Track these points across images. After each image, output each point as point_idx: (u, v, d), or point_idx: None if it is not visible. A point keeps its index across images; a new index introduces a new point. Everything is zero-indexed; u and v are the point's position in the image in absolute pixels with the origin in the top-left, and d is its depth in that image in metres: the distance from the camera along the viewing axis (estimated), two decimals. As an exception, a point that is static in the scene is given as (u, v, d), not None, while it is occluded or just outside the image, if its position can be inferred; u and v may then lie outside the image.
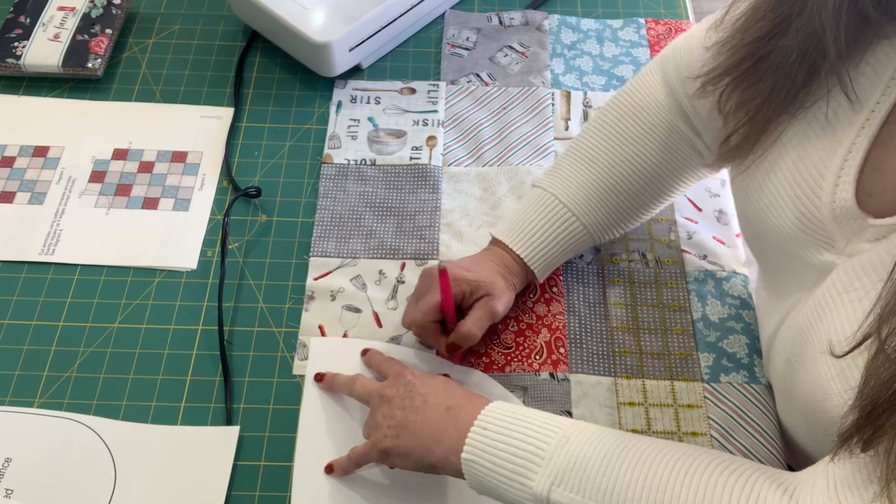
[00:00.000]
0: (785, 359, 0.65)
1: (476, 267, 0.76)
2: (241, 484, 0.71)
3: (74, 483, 0.70)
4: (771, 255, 0.67)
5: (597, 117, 0.80)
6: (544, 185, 0.78)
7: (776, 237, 0.63)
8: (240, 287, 0.83)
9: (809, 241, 0.60)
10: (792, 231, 0.61)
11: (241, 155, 0.92)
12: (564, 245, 0.77)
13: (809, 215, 0.58)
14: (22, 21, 1.00)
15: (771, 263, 0.68)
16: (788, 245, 0.62)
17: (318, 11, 0.95)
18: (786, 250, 0.63)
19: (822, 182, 0.57)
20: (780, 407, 0.74)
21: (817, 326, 0.58)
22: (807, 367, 0.59)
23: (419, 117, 0.95)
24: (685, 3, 1.08)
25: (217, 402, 0.76)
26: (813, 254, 0.60)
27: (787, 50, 0.57)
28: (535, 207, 0.78)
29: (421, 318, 0.74)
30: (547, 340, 0.79)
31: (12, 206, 0.87)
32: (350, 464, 0.69)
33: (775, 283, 0.69)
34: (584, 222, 0.77)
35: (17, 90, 0.97)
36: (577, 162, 0.78)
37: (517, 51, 1.02)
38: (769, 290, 0.71)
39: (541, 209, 0.77)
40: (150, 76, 0.99)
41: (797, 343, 0.62)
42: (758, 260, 0.72)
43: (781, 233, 0.62)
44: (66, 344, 0.79)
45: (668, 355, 0.79)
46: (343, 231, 0.86)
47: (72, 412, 0.74)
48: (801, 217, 0.59)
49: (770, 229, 0.63)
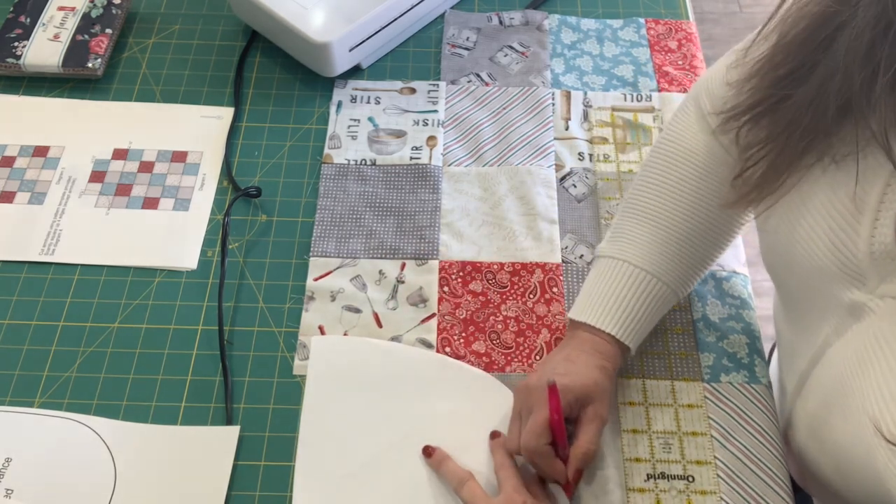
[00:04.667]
0: (821, 401, 0.63)
1: (574, 369, 0.69)
2: (241, 484, 0.71)
3: (74, 483, 0.70)
4: (795, 288, 0.65)
5: (645, 171, 0.76)
6: (612, 254, 0.74)
7: (805, 271, 0.60)
8: (240, 287, 0.83)
9: (841, 276, 0.57)
10: (824, 265, 0.58)
11: (241, 155, 0.92)
12: (651, 309, 0.72)
13: (845, 250, 0.56)
14: (22, 21, 1.00)
15: (795, 296, 0.66)
16: (817, 279, 0.60)
17: (318, 11, 0.95)
18: (813, 285, 0.61)
19: (860, 217, 0.55)
20: (803, 438, 0.71)
21: (861, 380, 0.56)
22: (847, 417, 0.58)
23: (419, 117, 0.95)
24: (685, 3, 1.08)
25: (217, 402, 0.76)
26: (842, 291, 0.58)
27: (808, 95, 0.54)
28: (609, 278, 0.72)
29: (535, 442, 0.66)
30: (547, 340, 0.79)
31: (12, 206, 0.87)
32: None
33: (798, 315, 0.67)
34: (665, 280, 0.72)
35: (17, 90, 0.97)
36: (637, 221, 0.74)
37: (517, 51, 1.02)
38: (792, 322, 0.69)
39: (617, 278, 0.72)
40: (150, 76, 0.99)
41: (836, 392, 0.60)
42: (780, 290, 0.70)
43: (812, 266, 0.59)
44: (66, 344, 0.79)
45: (668, 355, 0.79)
46: (343, 231, 0.86)
47: (72, 412, 0.74)
48: (836, 252, 0.57)
49: (800, 263, 0.60)
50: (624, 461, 0.72)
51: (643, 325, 0.73)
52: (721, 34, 2.33)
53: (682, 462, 0.72)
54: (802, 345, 0.67)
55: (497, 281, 0.83)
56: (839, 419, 0.60)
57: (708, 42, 2.27)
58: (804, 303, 0.64)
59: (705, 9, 2.39)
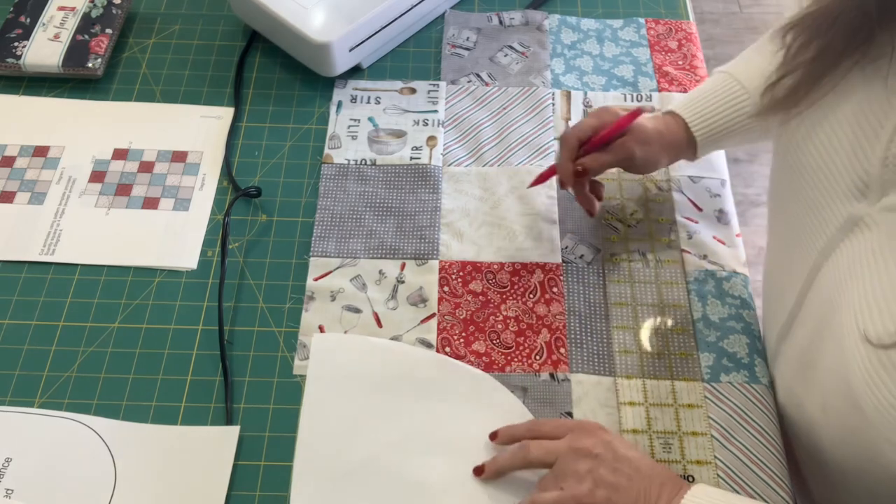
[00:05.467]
0: (812, 328, 0.65)
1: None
2: (241, 484, 0.71)
3: (74, 483, 0.70)
4: (793, 210, 0.66)
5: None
6: (723, 69, 0.81)
7: (811, 181, 0.62)
8: (240, 287, 0.83)
9: (847, 187, 0.59)
10: (835, 172, 0.60)
11: (241, 155, 0.92)
12: (730, 117, 0.79)
13: (861, 155, 0.58)
14: (22, 21, 1.00)
15: (790, 221, 0.67)
16: (821, 192, 0.61)
17: (318, 11, 0.95)
18: (814, 200, 0.62)
19: (884, 123, 0.57)
20: (791, 384, 0.73)
21: (850, 293, 0.58)
22: (834, 334, 0.59)
23: (419, 117, 0.95)
24: (685, 3, 1.08)
25: (217, 402, 0.76)
26: (843, 204, 0.59)
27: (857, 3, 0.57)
28: (709, 83, 0.81)
29: (574, 131, 0.79)
30: (547, 340, 0.79)
31: (12, 206, 0.87)
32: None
33: (789, 245, 0.68)
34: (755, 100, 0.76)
35: (17, 90, 0.97)
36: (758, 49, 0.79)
37: (517, 51, 1.02)
38: (782, 258, 0.71)
39: (713, 83, 0.80)
40: (150, 76, 0.99)
41: (826, 310, 0.61)
42: (775, 221, 0.72)
43: (821, 175, 0.61)
44: (66, 344, 0.79)
45: (668, 355, 0.79)
46: (343, 231, 0.86)
47: (72, 412, 0.74)
48: (852, 157, 0.59)
49: (809, 172, 0.62)
50: (624, 461, 0.72)
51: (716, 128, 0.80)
52: (721, 34, 2.32)
53: (682, 462, 0.72)
54: (791, 280, 0.68)
55: (497, 281, 0.83)
56: (829, 342, 0.61)
57: (708, 42, 2.27)
58: (798, 229, 0.66)
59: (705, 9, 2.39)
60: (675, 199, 0.89)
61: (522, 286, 0.83)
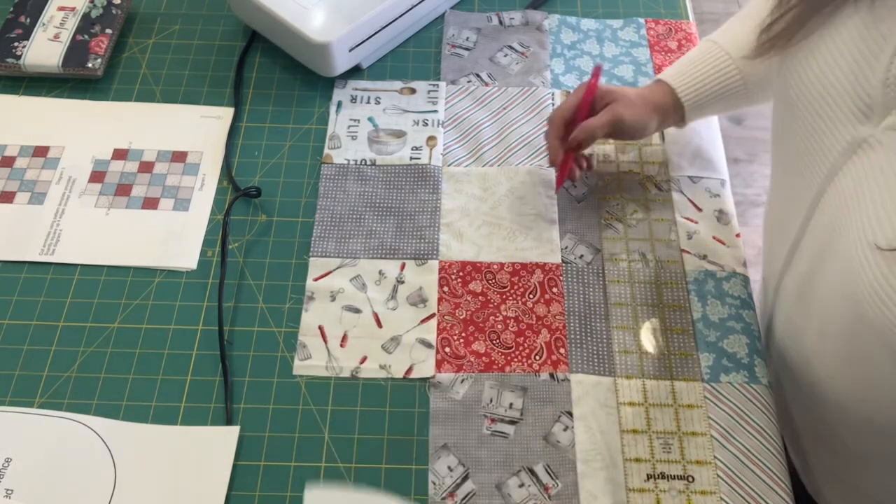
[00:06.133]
0: (814, 253, 0.66)
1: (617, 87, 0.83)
2: (241, 484, 0.71)
3: (74, 483, 0.70)
4: (796, 135, 0.67)
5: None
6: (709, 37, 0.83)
7: (813, 107, 0.63)
8: (240, 287, 0.83)
9: (850, 109, 0.60)
10: (837, 96, 0.61)
11: (241, 155, 0.92)
12: (716, 83, 0.81)
13: (862, 78, 0.59)
14: (22, 21, 1.00)
15: (794, 152, 0.68)
16: (823, 117, 0.62)
17: (318, 11, 0.95)
18: (816, 125, 0.63)
19: (883, 46, 0.57)
20: (791, 315, 0.74)
21: (858, 210, 0.58)
22: (838, 255, 0.60)
23: (419, 117, 0.95)
24: (685, 3, 1.08)
25: (217, 402, 0.76)
26: (846, 127, 0.60)
27: None
28: (694, 52, 0.84)
29: (557, 113, 0.82)
30: (547, 341, 0.79)
31: (12, 206, 0.87)
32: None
33: (793, 171, 0.69)
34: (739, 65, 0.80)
35: (17, 90, 0.97)
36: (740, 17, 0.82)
37: (517, 51, 1.02)
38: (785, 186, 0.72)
39: (698, 52, 0.83)
40: (150, 76, 0.99)
41: (830, 233, 0.62)
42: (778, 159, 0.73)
43: (823, 99, 0.62)
44: (66, 344, 0.79)
45: (668, 355, 0.79)
46: (343, 231, 0.86)
47: (72, 412, 0.74)
48: (853, 80, 0.60)
49: (811, 97, 0.63)
50: (624, 461, 0.73)
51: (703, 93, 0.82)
52: (721, 34, 2.32)
53: (682, 462, 0.72)
54: (794, 211, 0.69)
55: (497, 281, 0.83)
56: (829, 266, 0.62)
57: (708, 42, 2.27)
58: (800, 158, 0.66)
59: (705, 9, 2.40)
60: (674, 199, 0.89)
61: (522, 286, 0.83)
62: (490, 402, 0.76)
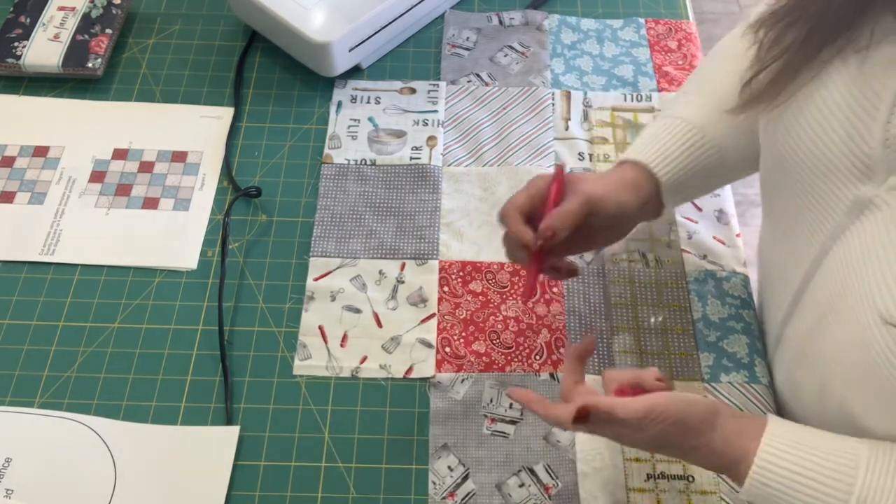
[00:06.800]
0: (818, 311, 0.64)
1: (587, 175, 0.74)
2: (241, 484, 0.71)
3: (74, 483, 0.70)
4: (792, 195, 0.65)
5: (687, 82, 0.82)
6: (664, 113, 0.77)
7: (809, 169, 0.62)
8: (240, 287, 0.83)
9: (850, 170, 0.59)
10: (834, 158, 0.59)
11: (241, 155, 0.92)
12: (688, 152, 0.73)
13: (859, 140, 0.57)
14: (22, 21, 1.00)
15: (789, 208, 0.67)
16: (821, 179, 0.61)
17: (318, 11, 0.95)
18: (814, 187, 0.62)
19: (878, 105, 0.56)
20: (791, 369, 0.72)
21: (866, 274, 0.57)
22: (843, 316, 0.59)
23: (419, 117, 0.95)
24: (685, 3, 1.08)
25: (217, 402, 0.76)
26: (847, 188, 0.59)
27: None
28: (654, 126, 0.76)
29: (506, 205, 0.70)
30: (547, 341, 0.79)
31: (12, 206, 0.87)
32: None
33: (791, 230, 0.68)
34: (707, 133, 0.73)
35: (17, 90, 0.97)
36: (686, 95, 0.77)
37: (517, 51, 1.02)
38: (782, 242, 0.70)
39: (658, 126, 0.75)
40: (150, 76, 0.99)
41: (835, 296, 0.61)
42: (772, 206, 0.71)
43: (820, 162, 0.61)
44: (66, 344, 0.79)
45: (668, 355, 0.79)
46: (343, 231, 0.86)
47: (72, 412, 0.74)
48: (849, 142, 0.58)
49: (806, 160, 0.62)
50: (624, 461, 0.73)
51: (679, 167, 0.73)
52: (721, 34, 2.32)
53: (682, 462, 0.72)
54: (795, 264, 0.68)
55: (497, 281, 0.83)
56: (834, 326, 0.61)
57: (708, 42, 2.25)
58: (799, 214, 0.65)
59: (705, 9, 2.40)
60: (675, 199, 0.89)
61: (522, 286, 0.83)
62: (490, 401, 0.76)
